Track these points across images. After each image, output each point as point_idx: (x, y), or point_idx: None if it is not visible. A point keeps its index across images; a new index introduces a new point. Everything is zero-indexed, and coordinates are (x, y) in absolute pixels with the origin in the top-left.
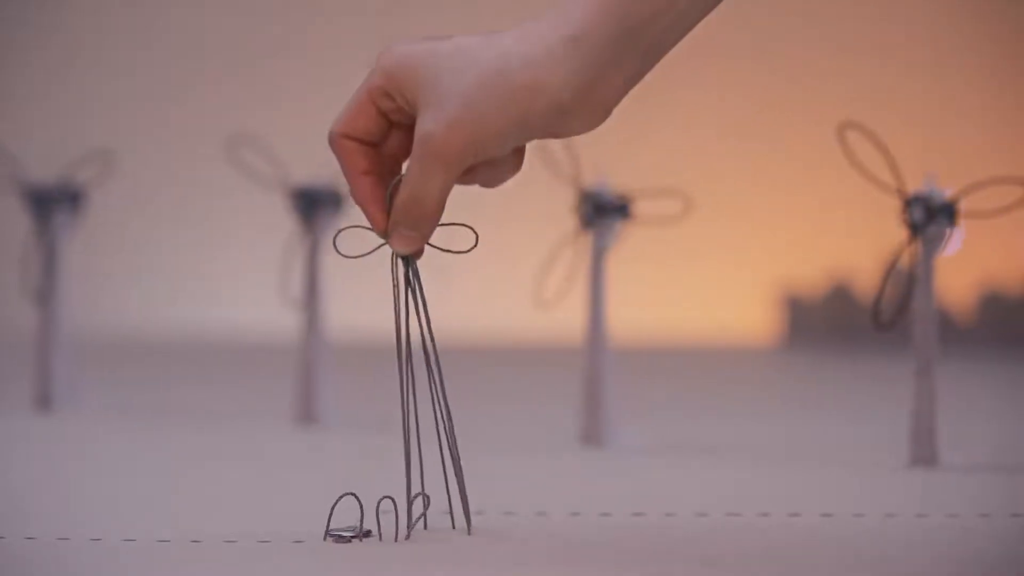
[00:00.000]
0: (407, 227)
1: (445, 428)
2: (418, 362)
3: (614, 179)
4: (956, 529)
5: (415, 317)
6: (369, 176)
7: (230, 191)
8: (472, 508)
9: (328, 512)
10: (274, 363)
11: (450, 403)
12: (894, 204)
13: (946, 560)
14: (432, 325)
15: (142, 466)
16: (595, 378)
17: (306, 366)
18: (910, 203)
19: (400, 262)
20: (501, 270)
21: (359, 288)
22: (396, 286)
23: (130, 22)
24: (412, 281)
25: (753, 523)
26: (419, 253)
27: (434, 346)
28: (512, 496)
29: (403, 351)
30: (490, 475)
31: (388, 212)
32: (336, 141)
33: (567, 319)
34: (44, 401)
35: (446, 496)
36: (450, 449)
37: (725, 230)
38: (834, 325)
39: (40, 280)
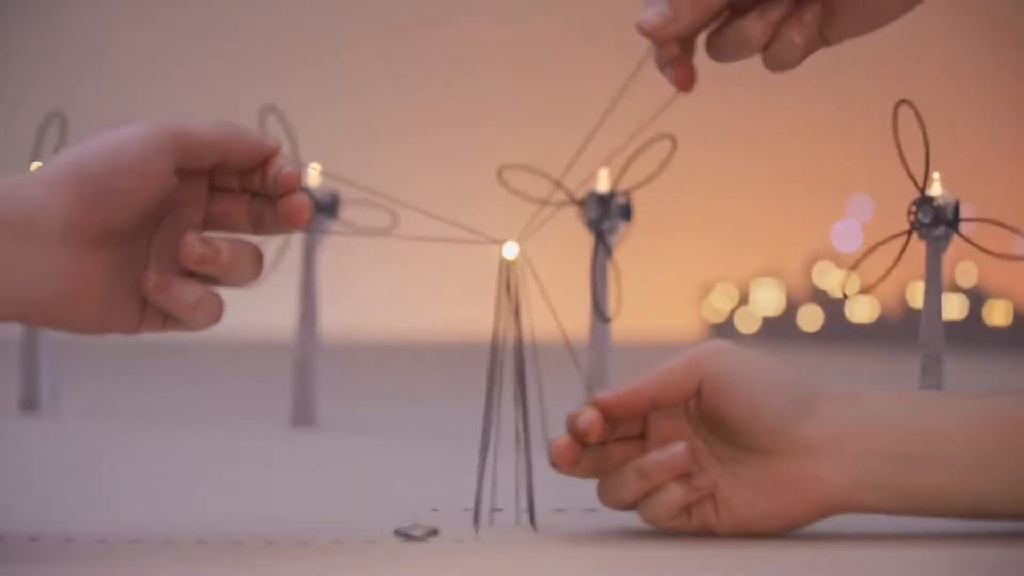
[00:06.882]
0: None
1: (525, 429)
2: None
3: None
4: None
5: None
6: None
7: None
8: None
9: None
10: (269, 363)
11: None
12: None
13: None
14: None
15: (138, 468)
16: (597, 376)
17: (301, 367)
18: (918, 203)
19: (506, 269)
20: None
21: (353, 287)
22: (500, 293)
23: (130, 18)
24: (513, 287)
25: None
26: (659, 33)
27: (523, 350)
28: (540, 493)
29: (496, 358)
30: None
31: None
32: None
33: (570, 318)
34: (29, 404)
35: (500, 494)
36: (525, 449)
37: (733, 228)
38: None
39: None
